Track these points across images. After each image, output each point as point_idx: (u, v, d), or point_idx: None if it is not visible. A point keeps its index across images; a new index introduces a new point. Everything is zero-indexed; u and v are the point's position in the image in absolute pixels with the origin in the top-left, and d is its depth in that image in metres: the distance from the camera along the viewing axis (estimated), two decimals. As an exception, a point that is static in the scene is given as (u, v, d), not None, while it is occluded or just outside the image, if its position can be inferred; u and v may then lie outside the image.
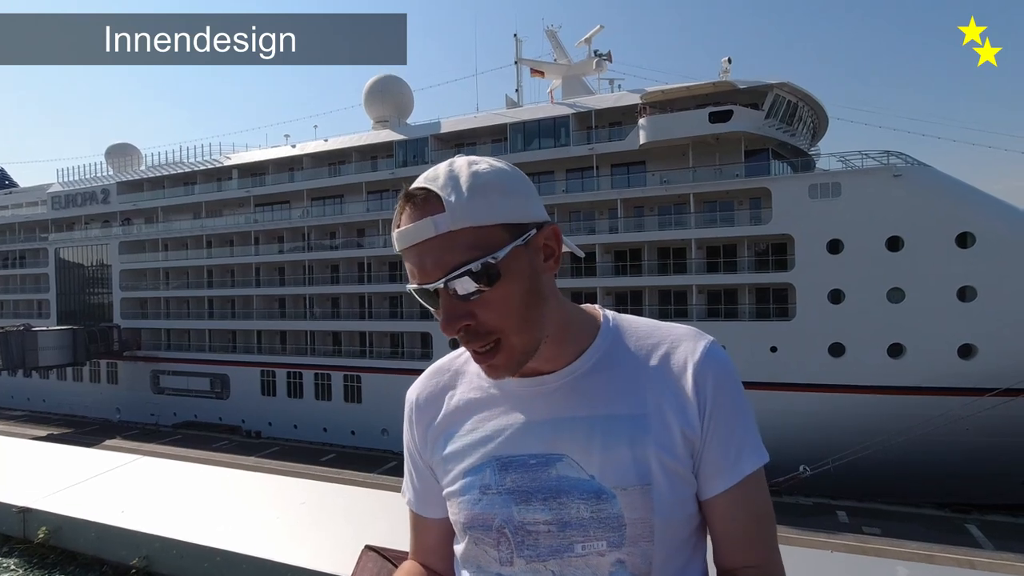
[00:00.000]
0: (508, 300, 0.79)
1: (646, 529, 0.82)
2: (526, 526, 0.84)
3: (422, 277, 0.79)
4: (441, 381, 0.98)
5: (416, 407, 0.98)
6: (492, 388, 0.92)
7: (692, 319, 24.13)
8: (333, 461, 26.86)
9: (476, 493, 0.87)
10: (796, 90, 24.68)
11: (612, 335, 0.91)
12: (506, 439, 0.87)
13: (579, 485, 0.83)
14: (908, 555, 14.72)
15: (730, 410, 0.85)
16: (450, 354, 1.01)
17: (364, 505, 2.05)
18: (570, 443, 0.84)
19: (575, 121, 27.44)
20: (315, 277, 32.96)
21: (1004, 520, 18.66)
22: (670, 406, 0.84)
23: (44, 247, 42.54)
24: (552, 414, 0.87)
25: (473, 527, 0.88)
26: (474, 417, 0.92)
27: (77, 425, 35.93)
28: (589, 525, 0.82)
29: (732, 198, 24.58)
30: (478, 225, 0.78)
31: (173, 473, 2.55)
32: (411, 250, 0.79)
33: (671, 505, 0.83)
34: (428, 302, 0.81)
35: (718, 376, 0.85)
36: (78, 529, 2.05)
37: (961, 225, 20.24)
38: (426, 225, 0.77)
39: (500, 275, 0.78)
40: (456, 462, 0.91)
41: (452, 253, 0.77)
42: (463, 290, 0.78)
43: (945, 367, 19.95)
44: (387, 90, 34.30)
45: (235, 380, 33.93)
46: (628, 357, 0.88)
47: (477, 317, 0.79)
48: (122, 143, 42.64)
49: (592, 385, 0.87)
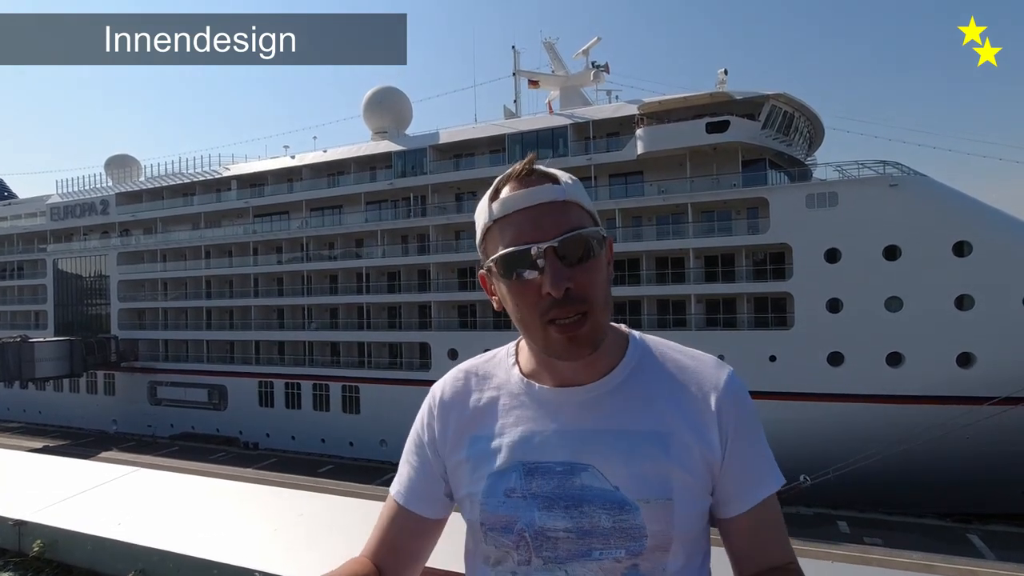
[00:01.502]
0: (600, 274, 0.87)
1: (665, 540, 0.86)
2: (546, 532, 0.87)
3: (537, 235, 0.83)
4: (469, 381, 1.00)
5: (440, 402, 1.00)
6: (522, 394, 0.95)
7: (691, 329, 24.15)
8: (331, 472, 26.68)
9: (500, 496, 0.90)
10: (792, 101, 24.86)
11: (639, 354, 0.95)
12: (534, 446, 0.90)
13: (603, 495, 0.86)
14: (909, 565, 14.64)
15: (750, 437, 0.92)
16: (477, 357, 1.03)
17: (362, 517, 2.04)
18: (596, 454, 0.88)
19: (573, 132, 27.59)
20: (313, 287, 32.95)
21: (1005, 529, 18.58)
22: (692, 428, 0.89)
23: (42, 258, 42.50)
24: (581, 425, 0.90)
25: (494, 528, 0.90)
26: (502, 420, 0.94)
27: (73, 437, 35.70)
28: (610, 534, 0.85)
29: (730, 208, 24.68)
30: (583, 206, 0.88)
31: (170, 485, 2.53)
32: (527, 212, 0.84)
33: (688, 519, 0.87)
34: (515, 266, 0.84)
35: (740, 407, 0.91)
36: (74, 542, 2.04)
37: (958, 234, 20.32)
38: (548, 190, 0.85)
39: (597, 252, 0.86)
40: (481, 463, 0.93)
41: (570, 216, 0.85)
42: (577, 251, 0.84)
43: (944, 376, 19.94)
44: (386, 101, 34.47)
45: (233, 391, 33.78)
46: (654, 377, 0.93)
47: (576, 282, 0.83)
48: (121, 154, 42.77)
49: (620, 400, 0.91)
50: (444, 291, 29.26)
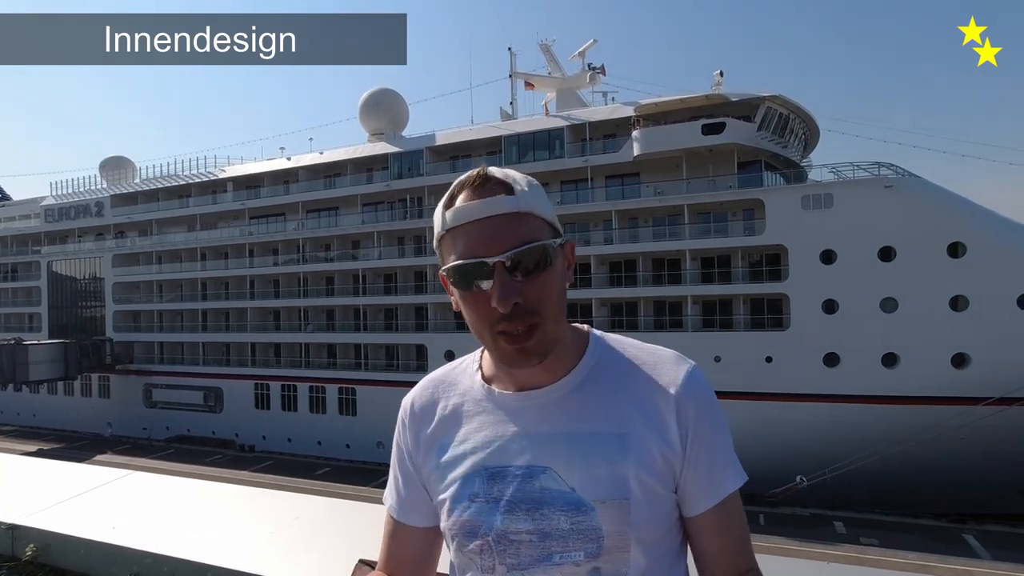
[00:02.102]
0: (552, 286, 0.86)
1: (623, 541, 0.86)
2: (508, 535, 0.87)
3: (487, 249, 0.82)
4: (437, 391, 1.01)
5: (411, 413, 1.01)
6: (484, 400, 0.95)
7: (687, 330, 24.18)
8: (328, 475, 26.61)
9: (466, 501, 0.91)
10: (787, 103, 24.96)
11: (598, 354, 0.95)
12: (496, 450, 0.91)
13: (560, 497, 0.86)
14: (905, 565, 14.67)
15: (711, 435, 0.90)
16: (446, 366, 1.04)
17: (358, 519, 2.04)
18: (554, 456, 0.88)
19: (569, 133, 27.62)
20: (310, 289, 32.87)
21: (1001, 530, 18.64)
22: (651, 428, 0.88)
23: (36, 260, 42.29)
24: (539, 428, 0.90)
25: (460, 534, 0.91)
26: (467, 427, 0.95)
27: (68, 440, 35.49)
28: (568, 536, 0.85)
29: (726, 209, 24.74)
30: (538, 215, 0.86)
31: (165, 488, 2.52)
32: (479, 224, 0.84)
33: (648, 519, 0.87)
34: (467, 279, 0.84)
35: (700, 402, 0.90)
36: (67, 546, 2.02)
37: (952, 235, 20.42)
38: (502, 201, 0.84)
39: (552, 262, 0.85)
40: (450, 470, 0.94)
41: (522, 228, 0.84)
42: (525, 266, 0.83)
43: (939, 376, 20.02)
44: (382, 103, 34.45)
45: (229, 393, 33.65)
46: (613, 377, 0.93)
47: (525, 296, 0.83)
48: (116, 156, 42.63)
49: (578, 402, 0.91)
50: (441, 292, 29.12)
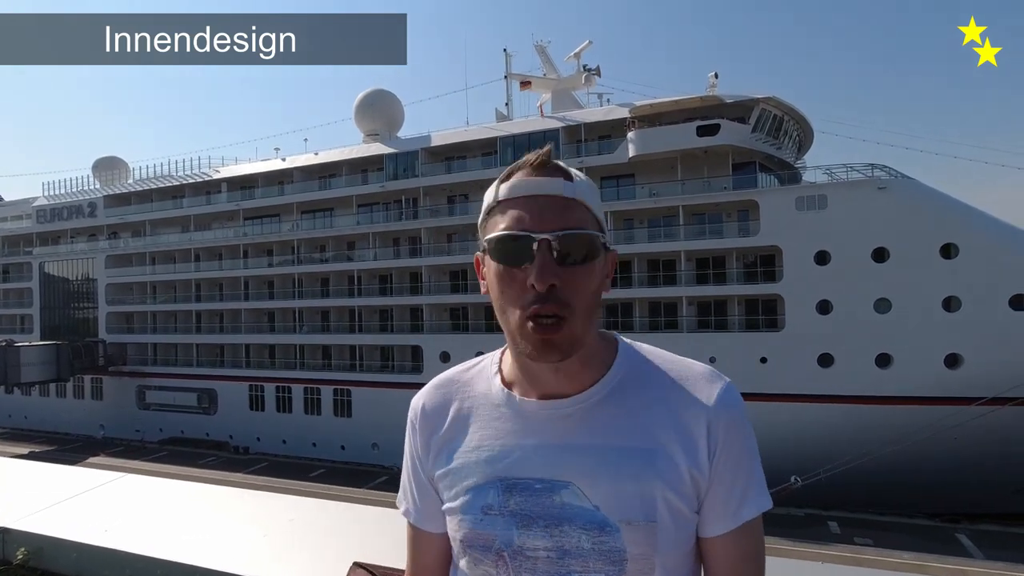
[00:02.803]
0: (589, 282, 0.83)
1: (647, 565, 0.81)
2: (525, 551, 0.83)
3: (536, 225, 0.81)
4: (450, 392, 0.96)
5: (422, 415, 0.96)
6: (503, 406, 0.90)
7: (682, 330, 24.24)
8: (322, 476, 26.52)
9: (478, 512, 0.86)
10: (782, 104, 25.08)
11: (628, 365, 0.90)
12: (514, 461, 0.86)
13: (583, 515, 0.82)
14: (900, 565, 14.75)
15: (739, 455, 0.85)
16: (460, 366, 0.99)
17: (352, 521, 2.03)
18: (577, 471, 0.84)
19: (565, 134, 27.66)
20: (304, 291, 32.78)
21: (994, 529, 18.75)
22: (681, 445, 0.83)
23: (28, 261, 42.00)
24: (562, 440, 0.86)
25: (473, 546, 0.87)
26: (481, 433, 0.90)
27: (60, 442, 35.22)
28: (589, 556, 0.81)
29: (720, 210, 24.82)
30: (590, 208, 0.85)
31: (158, 491, 2.50)
32: (532, 200, 0.83)
33: (674, 543, 0.83)
34: (509, 251, 0.82)
35: (731, 420, 0.85)
36: (59, 550, 2.01)
37: (945, 236, 20.56)
38: (558, 183, 0.84)
39: (594, 257, 0.83)
40: (459, 478, 0.89)
41: (572, 215, 0.83)
42: (569, 252, 0.81)
43: (932, 377, 20.14)
44: (377, 104, 34.40)
45: (223, 395, 33.51)
46: (643, 389, 0.88)
47: (563, 281, 0.80)
48: (109, 156, 42.39)
49: (605, 415, 0.86)
50: (436, 294, 29.20)
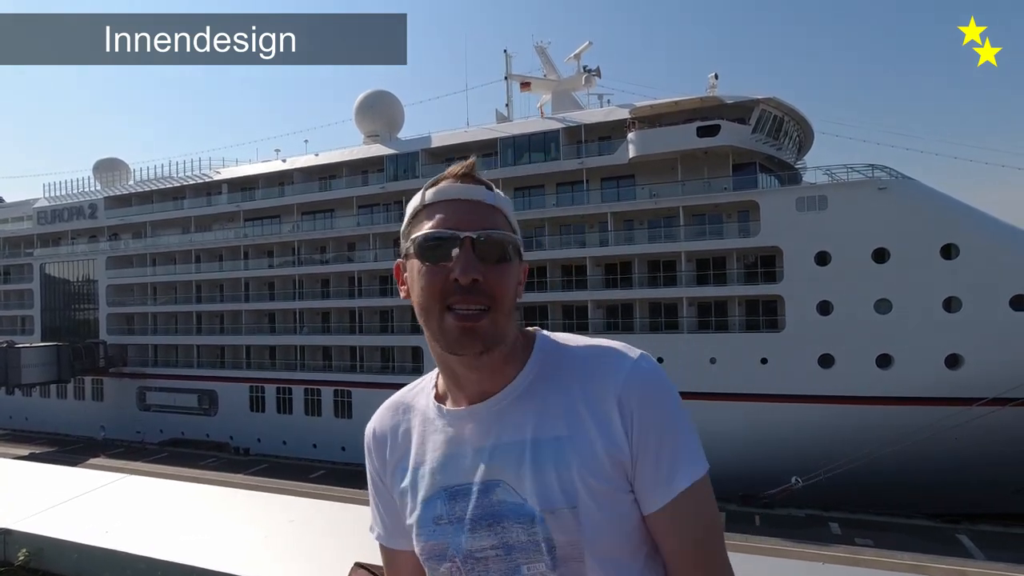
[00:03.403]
0: (508, 281, 0.87)
1: (575, 551, 0.83)
2: (475, 554, 0.86)
3: (460, 224, 0.85)
4: (396, 414, 1.01)
5: (374, 440, 1.01)
6: (436, 418, 0.94)
7: (683, 331, 24.23)
8: (323, 477, 26.51)
9: (431, 524, 0.89)
10: (782, 105, 25.07)
11: (543, 356, 0.92)
12: (453, 469, 0.90)
13: (515, 509, 0.85)
14: (900, 566, 14.72)
15: (659, 425, 0.84)
16: (402, 390, 1.04)
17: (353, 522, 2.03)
18: (505, 469, 0.86)
19: (565, 136, 27.65)
20: (305, 292, 32.78)
21: (994, 530, 18.73)
22: (595, 427, 0.84)
23: (29, 263, 42.02)
24: (489, 440, 0.89)
25: (430, 558, 0.90)
26: (422, 448, 0.94)
27: (60, 443, 35.21)
28: (528, 548, 0.84)
29: (721, 211, 24.81)
30: (508, 217, 0.91)
31: (159, 492, 2.50)
32: (457, 203, 0.88)
33: (601, 525, 0.83)
34: (434, 249, 0.86)
35: (644, 391, 0.85)
36: (60, 551, 2.01)
37: (945, 237, 20.55)
38: (479, 190, 0.89)
39: (511, 259, 0.88)
40: (412, 494, 0.93)
41: (494, 219, 0.88)
42: (490, 251, 0.85)
43: (933, 377, 20.12)
44: (377, 105, 34.42)
45: (223, 396, 33.50)
46: (557, 378, 0.89)
47: (485, 277, 0.84)
48: (110, 158, 42.42)
49: (523, 409, 0.88)
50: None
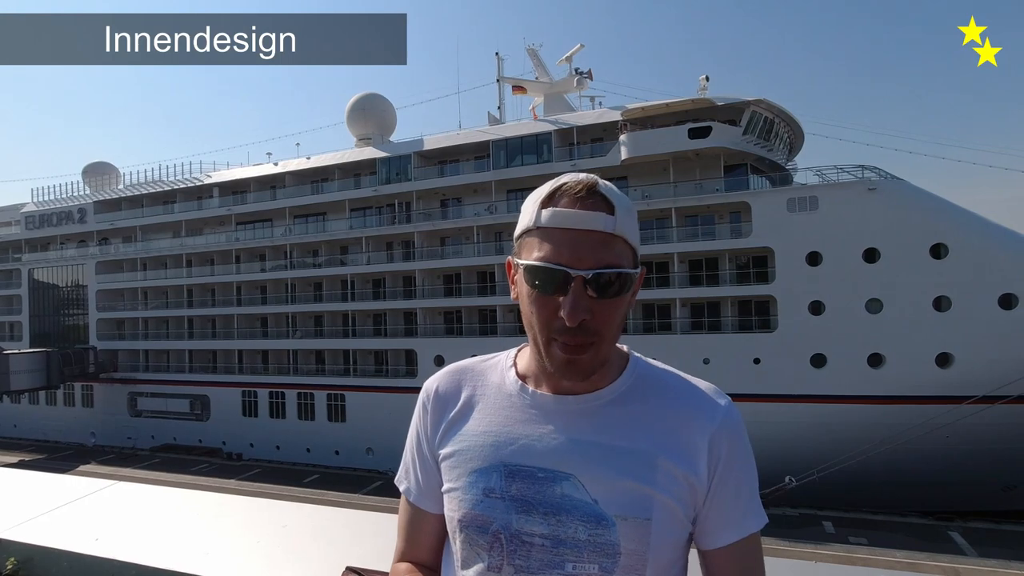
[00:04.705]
0: (618, 312, 0.86)
1: (639, 561, 0.84)
2: (521, 535, 0.86)
3: (573, 260, 0.82)
4: (463, 378, 1.00)
5: (435, 396, 1.00)
6: (515, 396, 0.94)
7: (676, 332, 24.31)
8: (316, 482, 26.37)
9: (479, 494, 0.89)
10: (772, 106, 25.25)
11: (637, 373, 0.94)
12: (519, 448, 0.89)
13: (581, 507, 0.85)
14: (894, 564, 14.82)
15: (740, 472, 0.90)
16: (474, 358, 1.03)
17: (345, 527, 2.02)
18: (580, 465, 0.87)
19: (557, 138, 27.73)
20: (297, 295, 32.64)
21: (986, 527, 18.89)
22: (681, 453, 0.87)
23: (17, 268, 41.60)
24: (568, 434, 0.89)
25: (470, 527, 0.89)
26: (489, 419, 0.94)
27: (50, 451, 34.86)
28: (584, 547, 0.84)
29: (713, 212, 24.95)
30: (628, 242, 0.86)
31: (151, 498, 2.48)
32: (572, 233, 0.83)
33: (666, 542, 0.86)
34: (544, 282, 0.83)
35: (734, 438, 0.89)
36: (50, 559, 1.99)
37: (935, 236, 20.75)
38: (599, 218, 0.83)
39: (627, 290, 0.85)
40: (464, 459, 0.92)
41: (609, 252, 0.84)
42: (605, 288, 0.83)
43: (924, 376, 20.29)
44: (369, 108, 34.38)
45: (215, 401, 33.28)
46: (649, 397, 0.91)
47: (594, 315, 0.83)
48: (100, 161, 42.11)
49: (612, 415, 0.90)
50: (430, 298, 29.17)
